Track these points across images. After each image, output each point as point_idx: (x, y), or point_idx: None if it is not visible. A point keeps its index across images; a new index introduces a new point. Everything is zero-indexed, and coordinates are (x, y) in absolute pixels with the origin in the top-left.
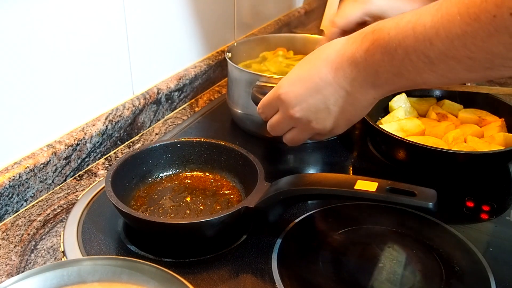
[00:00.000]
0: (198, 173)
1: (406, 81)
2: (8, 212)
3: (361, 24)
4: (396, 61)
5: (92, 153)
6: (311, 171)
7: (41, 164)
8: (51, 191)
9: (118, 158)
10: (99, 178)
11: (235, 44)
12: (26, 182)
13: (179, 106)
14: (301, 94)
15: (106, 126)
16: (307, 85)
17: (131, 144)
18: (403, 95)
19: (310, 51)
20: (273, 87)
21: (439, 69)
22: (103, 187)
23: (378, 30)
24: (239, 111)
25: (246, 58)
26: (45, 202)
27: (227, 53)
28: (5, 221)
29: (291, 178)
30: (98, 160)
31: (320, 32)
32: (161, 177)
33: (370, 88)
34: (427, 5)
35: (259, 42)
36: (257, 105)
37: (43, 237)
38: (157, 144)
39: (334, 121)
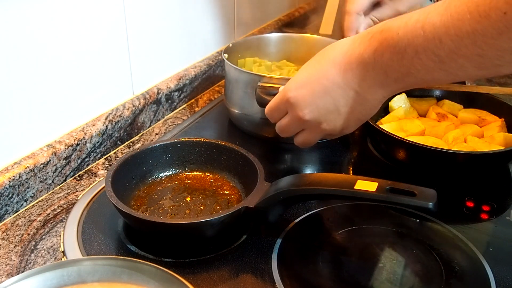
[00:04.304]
0: (198, 173)
1: (415, 80)
2: (8, 212)
3: (375, 4)
4: (406, 60)
5: (92, 153)
6: (311, 171)
7: (41, 164)
8: (51, 191)
9: (118, 158)
10: (99, 178)
11: (231, 45)
12: (26, 182)
13: (179, 106)
14: (310, 96)
15: (106, 126)
16: (315, 88)
17: (131, 144)
18: (403, 95)
19: (309, 51)
20: (276, 87)
21: (449, 68)
22: (103, 187)
23: (386, 30)
24: (237, 111)
25: (243, 58)
26: (45, 202)
27: (224, 54)
28: (5, 221)
29: (291, 178)
30: (98, 160)
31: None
32: (161, 177)
33: (379, 87)
34: (434, 4)
35: (256, 42)
36: (261, 105)
37: (43, 237)
38: (157, 144)
39: (344, 121)
